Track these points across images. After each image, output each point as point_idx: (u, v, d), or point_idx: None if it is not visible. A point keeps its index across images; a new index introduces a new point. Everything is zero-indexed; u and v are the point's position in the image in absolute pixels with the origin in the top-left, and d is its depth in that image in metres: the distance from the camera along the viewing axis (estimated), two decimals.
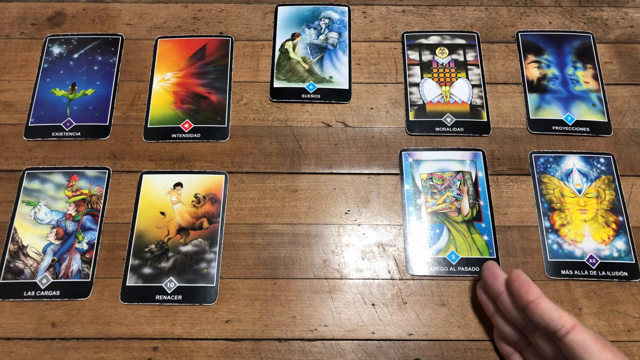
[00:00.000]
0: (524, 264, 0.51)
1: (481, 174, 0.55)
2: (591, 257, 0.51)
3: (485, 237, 0.52)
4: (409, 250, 0.52)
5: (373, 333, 0.49)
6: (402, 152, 0.56)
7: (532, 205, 0.54)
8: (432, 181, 0.54)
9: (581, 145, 0.56)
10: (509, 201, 0.54)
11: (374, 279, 0.51)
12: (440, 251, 0.51)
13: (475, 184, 0.54)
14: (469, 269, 0.51)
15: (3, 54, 0.61)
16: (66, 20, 0.63)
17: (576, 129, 0.57)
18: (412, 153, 0.56)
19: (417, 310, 0.50)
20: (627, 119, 0.58)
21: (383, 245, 0.52)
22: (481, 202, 0.53)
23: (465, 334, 0.49)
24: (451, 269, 0.51)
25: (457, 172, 0.55)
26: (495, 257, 0.51)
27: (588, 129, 0.57)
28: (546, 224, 0.53)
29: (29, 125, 0.57)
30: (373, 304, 0.50)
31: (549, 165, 0.55)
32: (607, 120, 0.58)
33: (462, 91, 0.59)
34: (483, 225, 0.53)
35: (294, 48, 0.61)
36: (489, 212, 0.53)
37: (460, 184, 0.54)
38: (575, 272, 0.51)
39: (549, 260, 0.51)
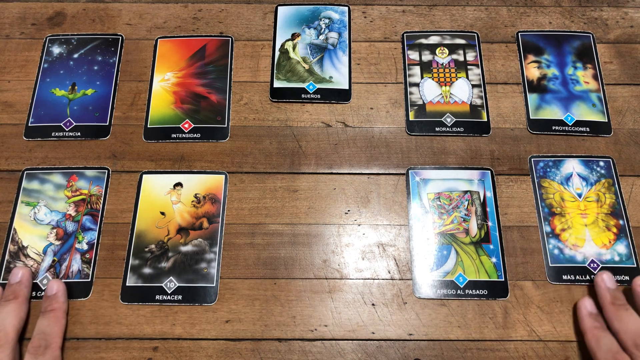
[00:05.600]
0: (524, 264, 0.51)
1: (489, 194, 0.54)
2: (592, 261, 0.51)
3: (494, 259, 0.51)
4: (416, 272, 0.51)
5: (373, 333, 0.49)
6: (409, 171, 0.55)
7: (532, 205, 0.54)
8: (440, 201, 0.54)
9: (581, 146, 0.56)
10: (509, 201, 0.54)
11: (374, 279, 0.51)
12: (448, 273, 0.51)
13: (484, 204, 0.53)
14: (477, 291, 0.50)
15: (3, 54, 0.61)
16: (66, 20, 0.63)
17: (576, 129, 0.57)
18: (419, 172, 0.55)
19: (417, 310, 0.50)
20: (627, 119, 0.58)
21: (383, 245, 0.52)
22: (489, 223, 0.53)
23: (465, 334, 0.49)
24: (459, 291, 0.50)
25: (465, 192, 0.54)
26: (503, 279, 0.51)
27: (588, 129, 0.57)
28: (547, 228, 0.52)
29: (29, 125, 0.57)
30: (373, 304, 0.50)
31: (548, 170, 0.55)
32: (607, 120, 0.58)
33: (462, 91, 0.59)
34: (491, 247, 0.52)
35: (294, 48, 0.61)
36: (497, 234, 0.52)
37: (468, 204, 0.53)
38: (577, 277, 0.50)
39: (550, 265, 0.51)
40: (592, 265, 0.51)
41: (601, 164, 0.55)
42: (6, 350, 0.43)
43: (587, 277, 0.50)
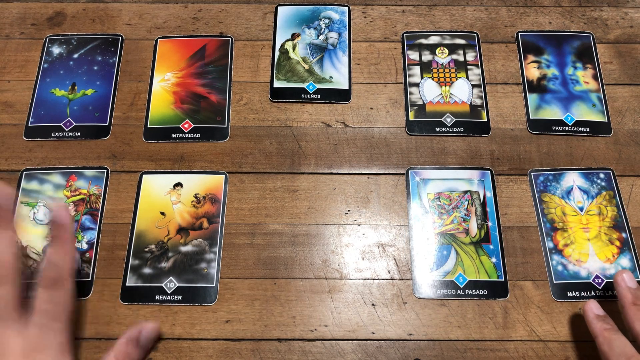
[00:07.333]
0: (524, 264, 0.51)
1: (489, 194, 0.54)
2: (597, 277, 0.50)
3: (494, 259, 0.51)
4: (416, 272, 0.51)
5: (373, 333, 0.49)
6: (409, 171, 0.55)
7: (532, 205, 0.54)
8: (440, 201, 0.53)
9: (581, 146, 0.56)
10: (508, 201, 0.54)
11: (374, 279, 0.51)
12: (448, 273, 0.51)
13: (484, 205, 0.53)
14: (477, 291, 0.50)
15: (3, 54, 0.61)
16: (66, 20, 0.63)
17: (576, 129, 0.57)
18: (419, 172, 0.55)
19: (417, 310, 0.50)
20: (627, 119, 0.58)
21: (383, 245, 0.52)
22: (489, 223, 0.53)
23: (465, 334, 0.49)
24: (459, 291, 0.50)
25: (465, 192, 0.54)
26: (503, 279, 0.50)
27: (588, 129, 0.57)
28: (549, 244, 0.52)
29: (29, 125, 0.57)
30: (373, 304, 0.50)
31: (548, 184, 0.54)
32: (607, 120, 0.58)
33: (462, 91, 0.59)
34: (491, 247, 0.52)
35: (294, 48, 0.61)
36: (497, 234, 0.52)
37: (468, 204, 0.53)
38: (582, 294, 0.50)
39: (554, 282, 0.50)
40: (596, 280, 0.50)
41: (601, 175, 0.55)
42: (8, 282, 0.40)
43: (593, 293, 0.50)
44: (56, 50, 0.61)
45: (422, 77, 0.60)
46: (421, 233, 0.52)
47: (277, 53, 0.61)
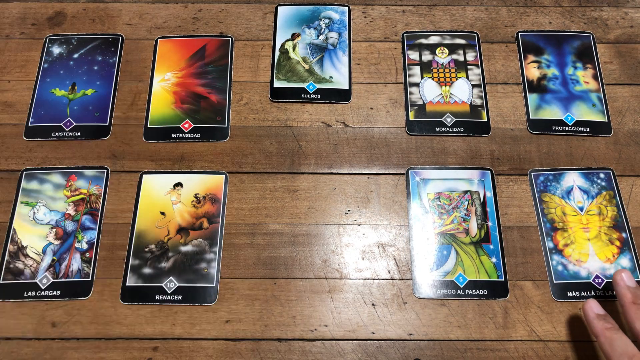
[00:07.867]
0: (524, 264, 0.51)
1: (489, 194, 0.54)
2: (597, 276, 0.50)
3: (494, 259, 0.51)
4: (416, 272, 0.51)
5: (373, 333, 0.49)
6: (409, 171, 0.55)
7: (532, 205, 0.54)
8: (440, 201, 0.53)
9: (581, 146, 0.56)
10: (508, 201, 0.54)
11: (374, 279, 0.51)
12: (448, 273, 0.51)
13: (484, 204, 0.53)
14: (477, 291, 0.50)
15: (3, 54, 0.61)
16: (66, 20, 0.63)
17: (576, 129, 0.57)
18: (419, 172, 0.55)
19: (417, 310, 0.50)
20: (627, 119, 0.58)
21: (383, 245, 0.52)
22: (489, 223, 0.53)
23: (465, 334, 0.49)
24: (459, 291, 0.50)
25: (465, 192, 0.54)
26: (503, 279, 0.51)
27: (588, 129, 0.57)
28: (549, 244, 0.52)
29: (29, 125, 0.57)
30: (373, 304, 0.50)
31: (549, 184, 0.54)
32: (607, 120, 0.58)
33: (462, 91, 0.59)
34: (491, 247, 0.52)
35: (294, 48, 0.61)
36: (497, 234, 0.52)
37: (468, 204, 0.53)
38: (582, 294, 0.50)
39: (554, 282, 0.50)
40: (596, 280, 0.50)
41: (601, 175, 0.55)
42: None
43: (593, 293, 0.50)
44: (56, 50, 0.61)
45: (422, 77, 0.60)
46: (421, 233, 0.52)
47: (277, 53, 0.61)
